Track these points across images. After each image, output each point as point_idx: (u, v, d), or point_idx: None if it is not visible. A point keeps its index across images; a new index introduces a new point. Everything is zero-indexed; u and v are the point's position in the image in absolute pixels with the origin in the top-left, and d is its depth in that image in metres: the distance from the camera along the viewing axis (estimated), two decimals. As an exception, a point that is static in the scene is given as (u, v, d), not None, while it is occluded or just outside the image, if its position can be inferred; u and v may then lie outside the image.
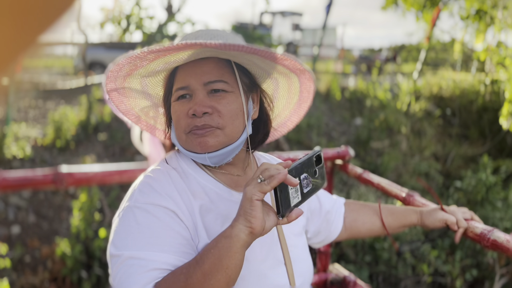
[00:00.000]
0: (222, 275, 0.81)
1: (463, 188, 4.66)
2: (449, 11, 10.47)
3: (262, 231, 0.84)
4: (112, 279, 0.92)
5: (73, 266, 3.24)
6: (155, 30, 6.18)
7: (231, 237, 0.82)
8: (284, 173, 0.82)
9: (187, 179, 1.03)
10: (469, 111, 8.86)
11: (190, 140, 1.00)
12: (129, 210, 0.95)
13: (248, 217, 0.82)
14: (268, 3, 8.87)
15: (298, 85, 1.15)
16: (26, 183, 1.59)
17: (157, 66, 1.02)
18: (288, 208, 0.87)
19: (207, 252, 0.83)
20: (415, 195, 1.49)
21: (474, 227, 1.20)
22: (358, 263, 3.82)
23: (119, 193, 4.58)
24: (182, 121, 1.00)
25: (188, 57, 0.99)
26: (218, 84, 0.99)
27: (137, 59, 0.97)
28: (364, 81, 10.39)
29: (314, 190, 0.94)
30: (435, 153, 7.53)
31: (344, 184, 5.93)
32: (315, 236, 1.34)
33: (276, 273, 1.04)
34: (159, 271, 0.86)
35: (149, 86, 1.10)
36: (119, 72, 1.01)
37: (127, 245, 0.90)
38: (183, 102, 1.01)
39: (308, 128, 7.40)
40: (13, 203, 4.22)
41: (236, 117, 1.00)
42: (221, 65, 1.01)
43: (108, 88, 1.05)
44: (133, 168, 1.72)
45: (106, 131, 6.23)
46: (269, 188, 0.82)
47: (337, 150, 1.99)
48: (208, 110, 0.97)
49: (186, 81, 1.00)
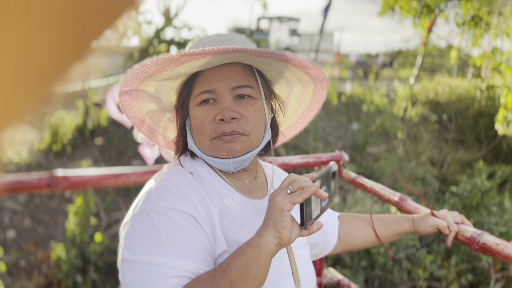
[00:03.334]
0: (249, 285, 0.80)
1: (458, 193, 4.68)
2: (445, 18, 10.56)
3: (288, 242, 0.83)
4: (125, 285, 0.88)
5: (68, 270, 3.23)
6: (152, 35, 6.19)
7: (260, 247, 0.81)
8: (316, 186, 0.83)
9: (203, 184, 1.01)
10: (465, 116, 8.91)
11: (216, 146, 0.99)
12: (145, 213, 0.91)
13: (278, 227, 0.81)
14: (266, 8, 8.91)
15: (311, 93, 1.17)
16: (21, 187, 1.59)
17: (183, 69, 0.98)
18: (310, 220, 0.88)
19: (233, 261, 0.81)
20: (408, 199, 1.50)
21: (465, 230, 1.21)
22: (354, 267, 3.82)
23: (115, 198, 4.58)
24: (208, 127, 0.98)
25: (215, 62, 0.96)
26: (245, 89, 0.99)
27: (168, 61, 0.92)
28: (360, 86, 10.44)
29: (330, 203, 0.96)
30: (431, 158, 7.56)
31: (340, 189, 5.94)
32: (312, 249, 1.33)
33: (286, 282, 1.04)
34: (179, 279, 0.83)
35: (163, 90, 1.07)
36: (142, 74, 0.97)
37: (144, 250, 0.86)
38: (207, 107, 0.99)
39: (305, 133, 7.42)
40: (9, 207, 4.21)
41: (260, 124, 1.01)
42: (246, 70, 1.01)
43: (122, 89, 1.00)
44: (128, 171, 1.72)
45: (102, 135, 6.23)
46: (300, 200, 0.82)
47: (331, 154, 2.00)
48: (237, 115, 0.97)
49: (212, 85, 0.98)
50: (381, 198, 1.63)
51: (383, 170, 6.38)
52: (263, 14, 10.61)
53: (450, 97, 9.64)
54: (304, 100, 1.19)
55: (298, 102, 1.20)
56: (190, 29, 6.10)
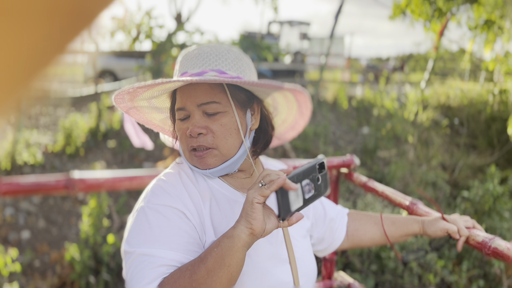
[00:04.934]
0: (224, 272, 0.87)
1: (470, 198, 4.65)
2: (457, 21, 10.49)
3: (263, 233, 0.90)
4: (125, 273, 1.00)
5: (81, 271, 3.28)
6: (164, 39, 6.26)
7: (232, 237, 0.88)
8: (283, 178, 0.88)
9: (197, 181, 1.10)
10: (477, 121, 8.83)
11: (192, 158, 1.08)
12: (142, 210, 1.02)
13: (249, 218, 0.87)
14: (277, 12, 8.94)
15: (292, 96, 1.21)
16: (39, 188, 1.64)
17: (153, 93, 1.10)
18: (289, 212, 0.91)
19: (210, 251, 0.89)
20: (419, 204, 1.51)
21: (476, 235, 1.22)
22: (364, 272, 3.82)
23: (128, 200, 4.63)
24: (183, 139, 1.09)
25: (181, 83, 1.04)
26: (210, 105, 1.04)
27: (128, 93, 1.05)
28: (371, 90, 10.41)
29: (316, 196, 0.98)
30: (443, 163, 7.50)
31: (351, 193, 5.93)
32: (319, 243, 1.37)
33: (280, 270, 1.09)
34: (167, 267, 0.93)
35: (156, 103, 1.17)
36: (123, 98, 1.09)
37: (139, 243, 0.97)
38: (183, 122, 1.08)
39: (315, 136, 7.42)
40: (24, 208, 4.28)
41: (229, 135, 1.06)
42: (213, 86, 1.05)
43: (122, 108, 1.12)
44: (143, 174, 1.76)
45: (115, 138, 6.31)
46: (268, 192, 0.88)
47: (342, 158, 2.02)
48: (202, 131, 1.04)
49: (182, 103, 1.07)
50: (392, 202, 1.64)
51: (393, 174, 6.35)
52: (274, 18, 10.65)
53: (462, 101, 9.56)
54: (290, 101, 1.24)
55: (287, 103, 1.25)
56: (202, 34, 6.16)
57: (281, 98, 1.24)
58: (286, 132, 1.38)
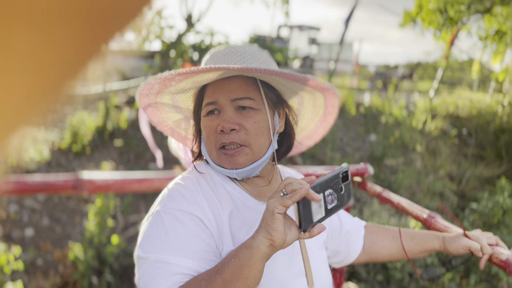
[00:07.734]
0: (241, 284, 0.83)
1: (478, 210, 4.58)
2: (468, 31, 10.43)
3: (283, 244, 0.85)
4: (138, 279, 0.95)
5: (84, 271, 3.25)
6: (174, 40, 6.25)
7: (251, 248, 0.83)
8: (306, 188, 0.83)
9: (215, 187, 1.06)
10: (486, 131, 8.74)
11: (220, 157, 1.04)
12: (157, 214, 0.98)
13: (269, 229, 0.83)
14: (288, 16, 8.92)
15: (322, 100, 1.18)
16: (46, 188, 1.60)
17: (186, 85, 1.06)
18: (311, 223, 0.87)
19: (228, 261, 0.85)
20: (437, 217, 1.46)
21: (500, 253, 1.17)
22: (370, 282, 3.76)
23: (133, 201, 4.60)
24: (212, 136, 1.04)
25: (215, 77, 1.02)
26: (245, 101, 1.02)
27: (166, 80, 1.01)
28: (379, 98, 10.35)
29: (339, 207, 0.93)
30: (450, 173, 7.42)
31: (357, 200, 5.87)
32: (335, 256, 1.33)
33: (297, 283, 1.05)
34: (182, 276, 0.89)
35: (179, 101, 1.14)
36: (151, 90, 1.06)
37: (154, 248, 0.93)
38: (212, 118, 1.04)
39: (322, 142, 7.37)
40: (28, 206, 4.26)
41: (262, 134, 1.03)
42: (248, 82, 1.03)
43: (142, 103, 1.09)
44: (152, 177, 1.72)
45: (121, 137, 6.29)
46: (290, 202, 0.83)
47: (356, 167, 1.97)
48: (236, 127, 1.01)
49: (215, 97, 1.03)
50: (408, 214, 1.59)
51: (400, 183, 6.28)
52: (285, 22, 10.65)
53: (471, 111, 9.48)
54: (319, 106, 1.20)
55: (314, 108, 1.22)
56: (212, 35, 6.14)
57: (309, 102, 1.20)
58: (303, 141, 1.32)
